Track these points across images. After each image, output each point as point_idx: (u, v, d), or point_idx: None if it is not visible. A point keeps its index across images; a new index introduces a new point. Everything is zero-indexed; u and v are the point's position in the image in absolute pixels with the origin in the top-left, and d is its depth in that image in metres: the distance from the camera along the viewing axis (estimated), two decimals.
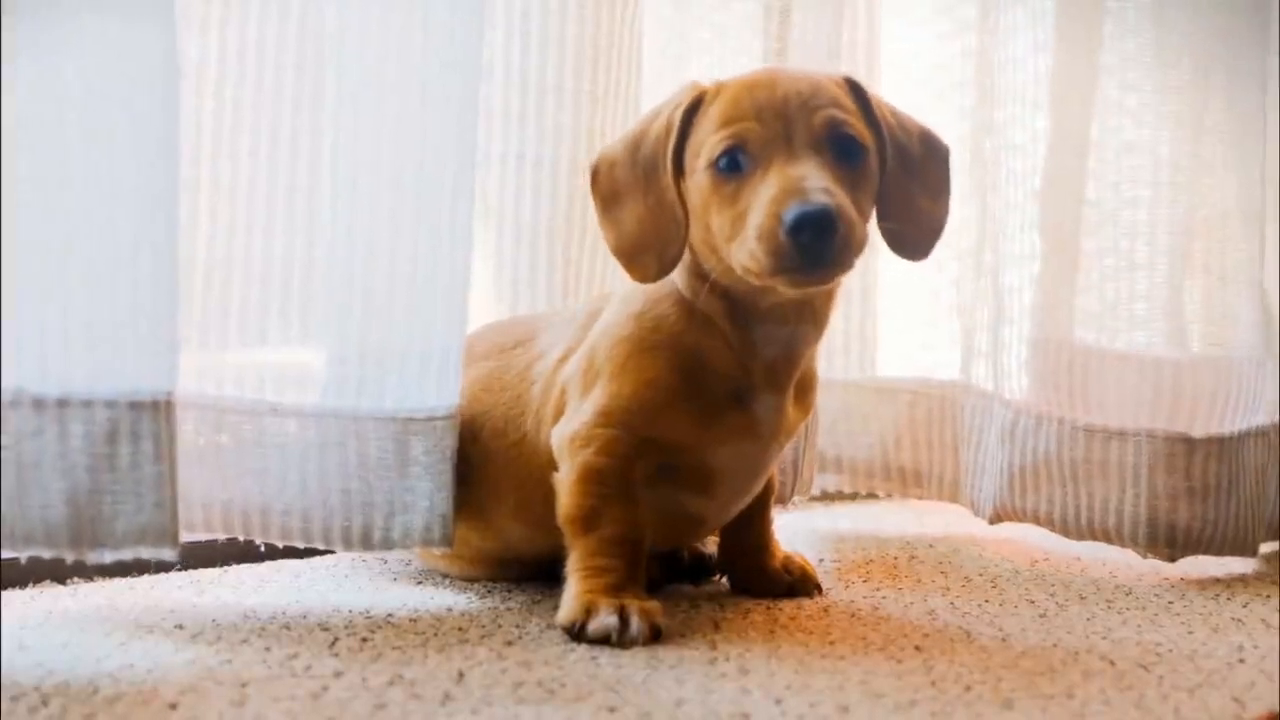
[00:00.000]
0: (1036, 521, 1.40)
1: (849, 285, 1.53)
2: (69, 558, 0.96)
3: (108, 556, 0.97)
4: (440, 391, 1.12)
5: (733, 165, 1.02)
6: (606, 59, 1.32)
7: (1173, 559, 1.35)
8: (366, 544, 1.12)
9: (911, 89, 1.56)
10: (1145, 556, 1.36)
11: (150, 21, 0.97)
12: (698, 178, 1.04)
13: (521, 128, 1.30)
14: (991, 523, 1.42)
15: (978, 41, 1.47)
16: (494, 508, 1.15)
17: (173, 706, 0.84)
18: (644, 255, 1.07)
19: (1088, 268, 1.40)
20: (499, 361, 1.18)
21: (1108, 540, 1.37)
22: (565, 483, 1.08)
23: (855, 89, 1.07)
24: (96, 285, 0.96)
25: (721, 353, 1.08)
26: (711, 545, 1.26)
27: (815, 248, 0.96)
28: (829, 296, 1.10)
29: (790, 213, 0.96)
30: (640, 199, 1.07)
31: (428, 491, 1.12)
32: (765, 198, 0.98)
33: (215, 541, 1.23)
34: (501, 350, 1.19)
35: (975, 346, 1.46)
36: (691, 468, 1.09)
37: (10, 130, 0.94)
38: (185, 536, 1.18)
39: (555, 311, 1.26)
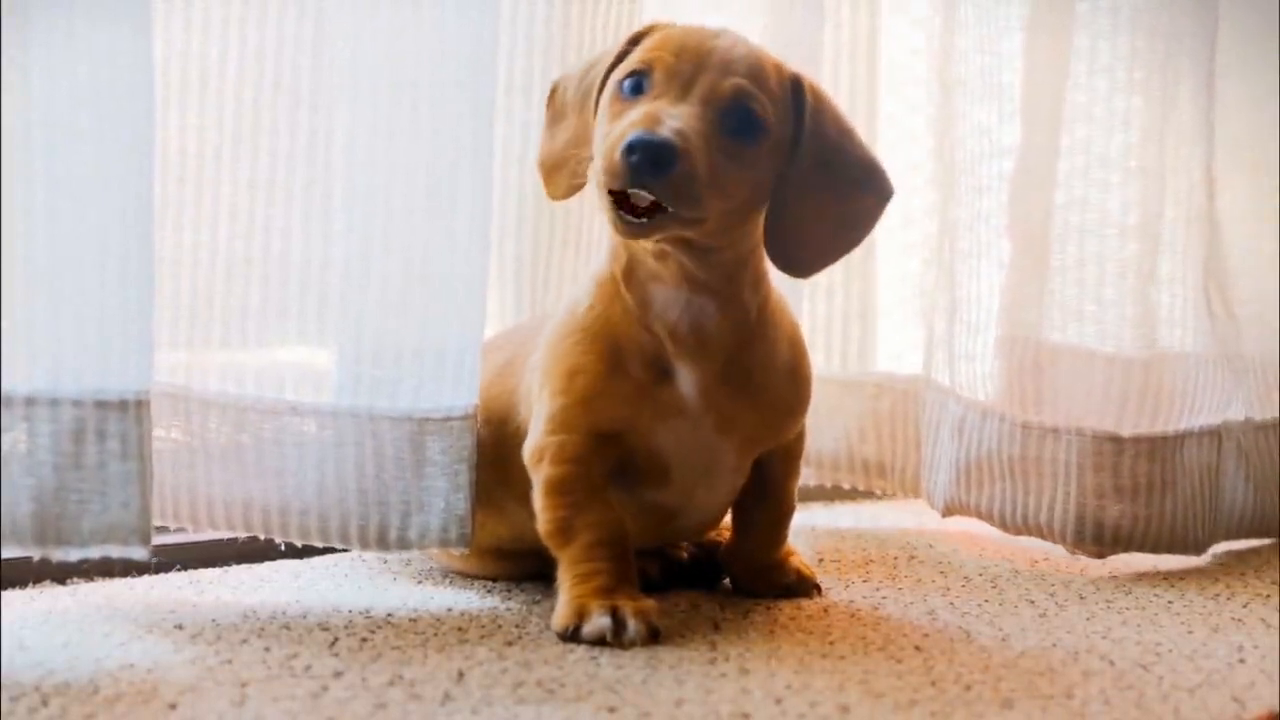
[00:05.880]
0: (979, 516, 1.42)
1: (832, 281, 1.53)
2: (35, 555, 0.96)
3: (74, 555, 0.97)
4: (456, 391, 1.13)
5: (635, 88, 1.03)
6: (577, 59, 1.32)
7: (1101, 556, 1.37)
8: (383, 544, 1.13)
9: (910, 88, 1.56)
10: (1073, 554, 1.38)
11: (123, 23, 0.97)
12: (605, 94, 1.05)
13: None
14: (944, 516, 1.45)
15: (941, 44, 1.48)
16: (504, 493, 1.15)
17: (173, 706, 0.85)
18: (559, 172, 1.10)
19: (1046, 267, 1.41)
20: (514, 350, 1.19)
21: (1040, 536, 1.38)
22: (537, 498, 1.08)
23: (796, 87, 1.06)
24: (65, 285, 0.96)
25: (629, 322, 1.07)
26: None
27: (640, 172, 0.96)
28: (713, 264, 1.06)
29: (632, 135, 0.96)
30: (575, 119, 1.09)
31: (444, 492, 1.12)
32: (626, 121, 0.99)
33: (215, 541, 1.23)
34: (522, 337, 1.20)
35: (935, 341, 1.47)
36: (644, 456, 1.09)
37: None
38: (207, 535, 1.20)
39: None
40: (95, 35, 0.96)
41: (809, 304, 1.52)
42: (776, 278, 1.11)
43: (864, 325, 1.57)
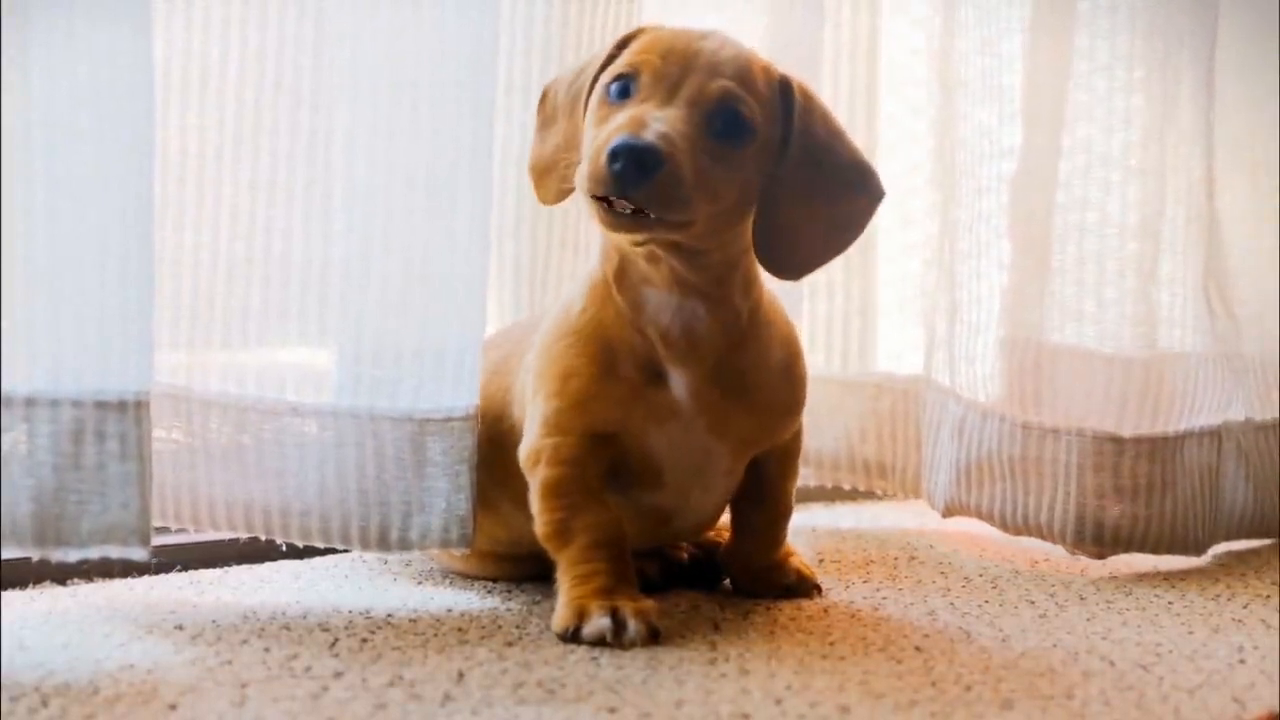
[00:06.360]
0: (979, 516, 1.42)
1: (832, 281, 1.53)
2: (35, 556, 0.96)
3: (74, 555, 0.97)
4: (457, 392, 1.13)
5: (622, 92, 1.02)
6: (574, 59, 1.32)
7: (1101, 556, 1.38)
8: (384, 545, 1.13)
9: (911, 89, 1.56)
10: (1073, 554, 1.38)
11: (123, 23, 0.97)
12: (592, 98, 1.05)
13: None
14: (944, 516, 1.45)
15: (941, 45, 1.48)
16: (499, 493, 1.15)
17: (173, 707, 0.85)
18: (548, 176, 1.10)
19: (1047, 268, 1.42)
20: (510, 348, 1.19)
21: (1041, 536, 1.39)
22: (533, 501, 1.08)
23: (784, 88, 1.06)
24: (65, 285, 0.96)
25: (621, 325, 1.07)
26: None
27: (625, 180, 0.95)
28: (703, 266, 1.05)
29: (616, 140, 0.96)
30: (564, 123, 1.09)
31: (444, 492, 1.13)
32: (612, 125, 0.99)
33: (215, 541, 1.23)
34: (518, 335, 1.20)
35: (936, 342, 1.47)
36: (637, 458, 1.09)
37: None
38: (208, 535, 1.20)
39: None
40: (95, 35, 0.96)
41: (809, 304, 1.52)
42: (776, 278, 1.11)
43: (864, 325, 1.57)
